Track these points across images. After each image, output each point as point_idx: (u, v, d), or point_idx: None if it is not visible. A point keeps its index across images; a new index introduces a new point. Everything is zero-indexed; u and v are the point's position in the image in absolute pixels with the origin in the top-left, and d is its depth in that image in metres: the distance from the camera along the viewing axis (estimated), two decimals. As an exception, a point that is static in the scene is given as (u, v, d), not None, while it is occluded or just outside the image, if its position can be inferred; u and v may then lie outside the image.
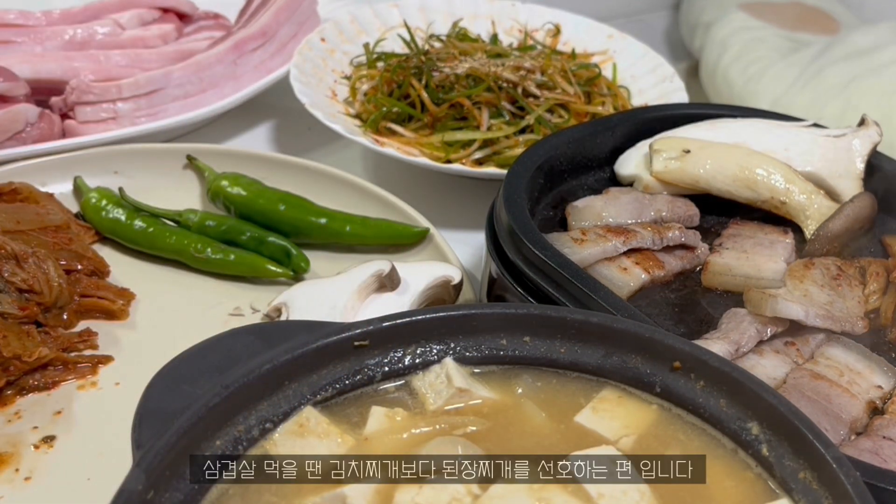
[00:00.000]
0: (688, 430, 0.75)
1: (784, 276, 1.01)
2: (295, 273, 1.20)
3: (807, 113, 1.38)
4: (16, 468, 0.94)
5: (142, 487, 0.62)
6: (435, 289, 1.08)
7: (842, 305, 0.99)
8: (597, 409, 0.76)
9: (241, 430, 0.71)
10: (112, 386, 1.05)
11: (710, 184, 1.13)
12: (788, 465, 0.69)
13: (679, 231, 1.07)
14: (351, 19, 1.62)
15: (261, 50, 1.57)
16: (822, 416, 0.86)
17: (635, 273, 1.02)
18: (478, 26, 1.67)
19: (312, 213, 1.24)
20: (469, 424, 0.74)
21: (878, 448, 0.83)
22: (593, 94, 1.49)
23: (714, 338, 0.93)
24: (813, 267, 1.02)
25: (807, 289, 0.99)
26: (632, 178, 1.17)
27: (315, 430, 0.73)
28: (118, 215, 1.24)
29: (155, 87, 1.44)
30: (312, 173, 1.32)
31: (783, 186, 1.11)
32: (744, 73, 1.58)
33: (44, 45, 1.52)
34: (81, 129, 1.40)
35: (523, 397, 0.78)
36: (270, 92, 1.55)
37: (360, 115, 1.45)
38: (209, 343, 0.77)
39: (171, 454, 0.65)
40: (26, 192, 1.22)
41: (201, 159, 1.33)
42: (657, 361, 0.77)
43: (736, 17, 1.70)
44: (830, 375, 0.91)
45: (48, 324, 1.08)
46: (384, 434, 0.73)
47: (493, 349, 0.80)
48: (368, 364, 0.77)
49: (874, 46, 1.53)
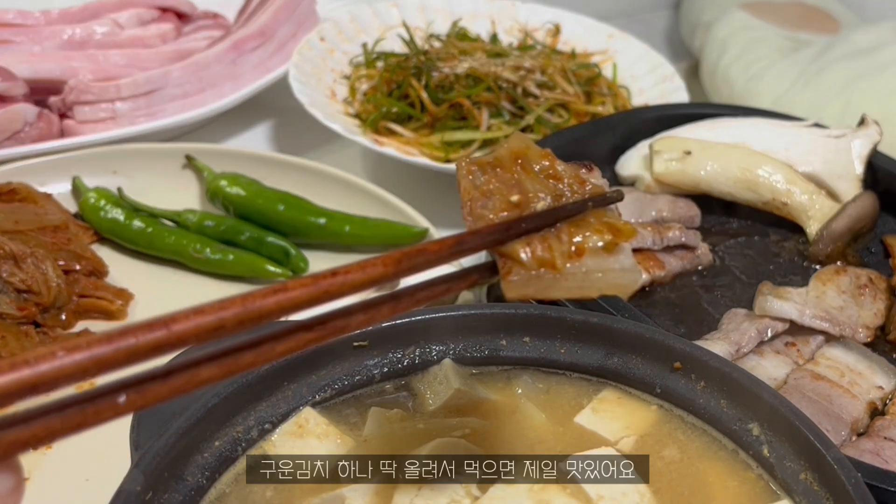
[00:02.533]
0: (688, 431, 0.75)
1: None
2: (294, 273, 1.19)
3: (807, 112, 1.38)
4: (14, 469, 0.94)
5: (140, 488, 0.62)
6: (434, 289, 1.08)
7: (852, 312, 0.98)
8: (597, 409, 0.76)
9: (240, 431, 0.71)
10: (111, 386, 1.04)
11: (712, 185, 1.13)
12: (789, 465, 0.69)
13: (679, 231, 1.07)
14: (350, 19, 1.62)
15: (260, 49, 1.56)
16: (823, 417, 0.86)
17: (635, 273, 1.02)
18: (477, 26, 1.67)
19: (311, 214, 1.24)
20: (468, 425, 0.74)
21: (880, 449, 0.83)
22: (593, 94, 1.48)
23: (714, 338, 0.93)
24: (843, 274, 1.02)
25: (825, 292, 0.99)
26: (633, 178, 1.17)
27: (314, 430, 0.73)
28: (117, 215, 1.23)
29: (154, 86, 1.44)
30: (311, 173, 1.32)
31: (785, 187, 1.11)
32: (744, 72, 1.58)
33: (42, 44, 1.52)
34: (80, 129, 1.39)
35: (523, 398, 0.78)
36: (269, 92, 1.55)
37: (360, 114, 1.45)
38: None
39: (169, 455, 0.65)
40: (25, 192, 1.22)
41: (200, 159, 1.33)
42: (657, 362, 0.77)
43: (736, 17, 1.69)
44: (831, 376, 0.90)
45: (46, 324, 1.08)
46: (383, 435, 0.73)
47: (493, 349, 0.80)
48: (367, 364, 0.77)
49: (875, 46, 1.52)
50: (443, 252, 0.58)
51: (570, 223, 0.62)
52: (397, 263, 0.55)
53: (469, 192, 0.62)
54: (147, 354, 0.45)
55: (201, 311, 0.47)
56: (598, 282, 0.61)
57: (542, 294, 0.61)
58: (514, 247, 0.60)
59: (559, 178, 0.64)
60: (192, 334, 0.46)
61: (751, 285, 1.03)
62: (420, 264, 0.57)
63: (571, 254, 0.60)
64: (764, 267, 1.09)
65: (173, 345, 0.46)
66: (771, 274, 1.08)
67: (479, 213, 0.61)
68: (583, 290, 0.61)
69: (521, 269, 0.60)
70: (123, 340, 0.44)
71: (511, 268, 0.60)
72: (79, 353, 0.43)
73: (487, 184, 0.62)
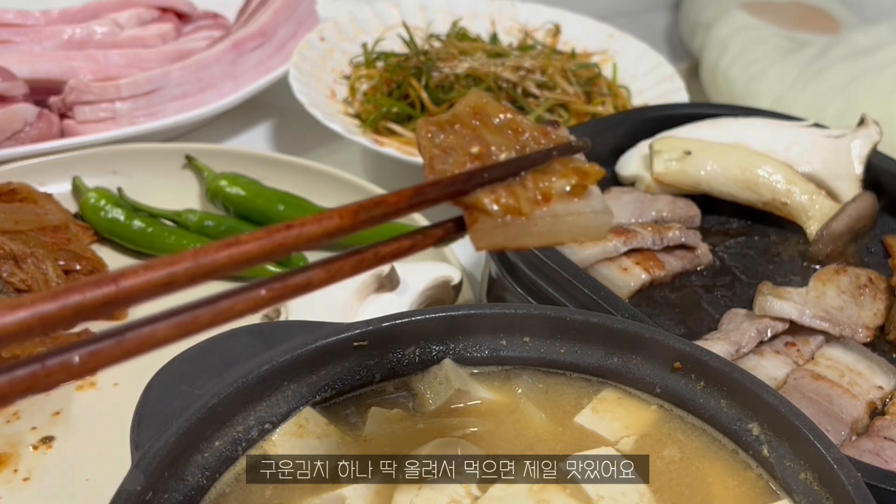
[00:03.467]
0: (688, 431, 0.75)
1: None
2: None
3: (807, 112, 1.38)
4: (14, 469, 0.94)
5: (140, 488, 0.62)
6: (434, 289, 1.08)
7: (852, 312, 0.98)
8: (597, 409, 0.76)
9: (241, 431, 0.71)
10: (111, 386, 1.04)
11: (712, 185, 1.13)
12: (789, 465, 0.69)
13: (679, 231, 1.07)
14: (350, 19, 1.62)
15: (260, 49, 1.57)
16: (823, 417, 0.86)
17: (635, 273, 1.02)
18: (477, 26, 1.67)
19: (311, 213, 1.24)
20: (468, 425, 0.74)
21: (880, 449, 0.83)
22: (593, 94, 1.49)
23: (714, 338, 0.93)
24: (843, 274, 1.02)
25: (825, 292, 0.99)
26: (633, 178, 1.17)
27: (314, 430, 0.73)
28: (117, 215, 1.24)
29: (154, 86, 1.44)
30: (311, 173, 1.32)
31: (784, 188, 1.11)
32: (744, 72, 1.58)
33: (42, 44, 1.52)
34: (80, 129, 1.40)
35: (523, 398, 0.78)
36: (269, 92, 1.55)
37: (360, 114, 1.45)
38: (208, 343, 0.77)
39: (169, 455, 0.65)
40: (25, 193, 1.22)
41: (200, 159, 1.33)
42: (657, 362, 0.77)
43: (736, 17, 1.70)
44: (831, 376, 0.90)
45: (47, 324, 1.08)
46: (384, 435, 0.73)
47: (493, 349, 0.80)
48: (367, 364, 0.77)
49: (875, 46, 1.53)
50: (402, 203, 0.55)
51: (535, 171, 0.60)
52: (354, 215, 0.52)
53: (429, 150, 0.61)
54: (95, 312, 0.42)
55: (151, 267, 0.45)
56: (570, 226, 0.60)
57: (514, 242, 0.59)
58: (477, 196, 0.58)
59: (521, 130, 0.63)
60: (142, 290, 0.44)
61: (751, 285, 1.03)
62: (378, 216, 0.54)
63: (538, 200, 0.59)
64: (764, 267, 1.09)
65: (123, 301, 0.43)
66: (771, 274, 1.08)
67: (440, 169, 0.60)
68: (555, 236, 0.60)
69: (487, 218, 0.58)
70: (69, 297, 0.42)
71: (477, 217, 0.58)
72: (23, 311, 0.41)
73: (447, 140, 0.61)
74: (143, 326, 0.45)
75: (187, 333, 0.47)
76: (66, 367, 0.43)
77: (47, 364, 0.43)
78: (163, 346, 0.46)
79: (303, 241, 0.50)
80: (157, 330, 0.46)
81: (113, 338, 0.45)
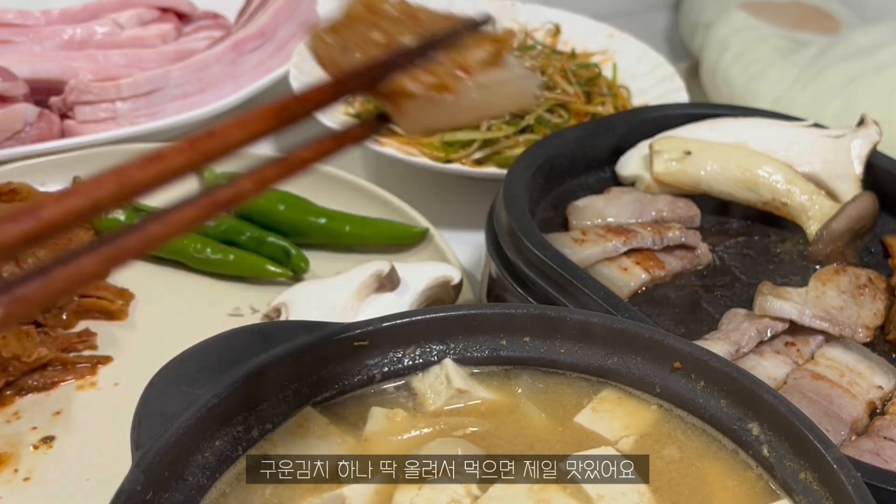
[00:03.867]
0: (688, 431, 0.75)
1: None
2: (294, 273, 1.19)
3: (807, 112, 1.38)
4: (15, 469, 0.94)
5: (141, 488, 0.62)
6: (434, 289, 1.08)
7: (852, 312, 0.98)
8: (597, 409, 0.76)
9: (241, 431, 0.71)
10: (111, 386, 1.04)
11: (712, 185, 1.13)
12: (789, 465, 0.69)
13: (679, 231, 1.07)
14: (350, 19, 1.62)
15: (260, 50, 1.57)
16: (823, 417, 0.86)
17: (635, 273, 1.02)
18: (477, 26, 1.66)
19: (312, 213, 1.24)
20: (469, 425, 0.74)
21: (880, 449, 0.83)
22: (593, 94, 1.48)
23: (714, 338, 0.93)
24: (843, 274, 1.02)
25: (825, 292, 0.99)
26: (633, 178, 1.17)
27: (314, 430, 0.73)
28: (117, 215, 1.23)
29: (154, 86, 1.44)
30: (312, 173, 1.31)
31: (784, 188, 1.11)
32: (744, 72, 1.58)
33: (43, 44, 1.52)
34: (80, 129, 1.40)
35: (523, 398, 0.78)
36: (270, 92, 1.55)
37: (360, 114, 1.45)
38: (208, 343, 0.77)
39: (170, 455, 0.65)
40: (25, 193, 1.22)
41: (200, 159, 1.33)
42: (657, 362, 0.77)
43: (736, 17, 1.69)
44: (831, 376, 0.90)
45: (47, 324, 1.08)
46: (384, 434, 0.73)
47: (493, 349, 0.80)
48: (368, 364, 0.77)
49: (875, 46, 1.53)
50: (324, 97, 0.54)
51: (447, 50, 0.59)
52: (277, 116, 0.51)
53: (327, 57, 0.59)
54: (14, 249, 0.40)
55: (73, 193, 0.42)
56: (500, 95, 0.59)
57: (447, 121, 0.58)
58: (397, 81, 0.56)
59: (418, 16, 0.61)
60: (65, 220, 0.41)
61: (751, 285, 1.03)
62: (301, 114, 0.52)
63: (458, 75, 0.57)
64: (764, 267, 1.09)
65: (46, 234, 0.40)
66: (771, 274, 1.08)
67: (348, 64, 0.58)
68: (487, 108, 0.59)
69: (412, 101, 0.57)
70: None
71: (401, 102, 0.57)
72: None
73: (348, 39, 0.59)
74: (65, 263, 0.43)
75: (114, 264, 0.45)
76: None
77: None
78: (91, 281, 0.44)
79: (229, 148, 0.48)
80: (81, 264, 0.43)
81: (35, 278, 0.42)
